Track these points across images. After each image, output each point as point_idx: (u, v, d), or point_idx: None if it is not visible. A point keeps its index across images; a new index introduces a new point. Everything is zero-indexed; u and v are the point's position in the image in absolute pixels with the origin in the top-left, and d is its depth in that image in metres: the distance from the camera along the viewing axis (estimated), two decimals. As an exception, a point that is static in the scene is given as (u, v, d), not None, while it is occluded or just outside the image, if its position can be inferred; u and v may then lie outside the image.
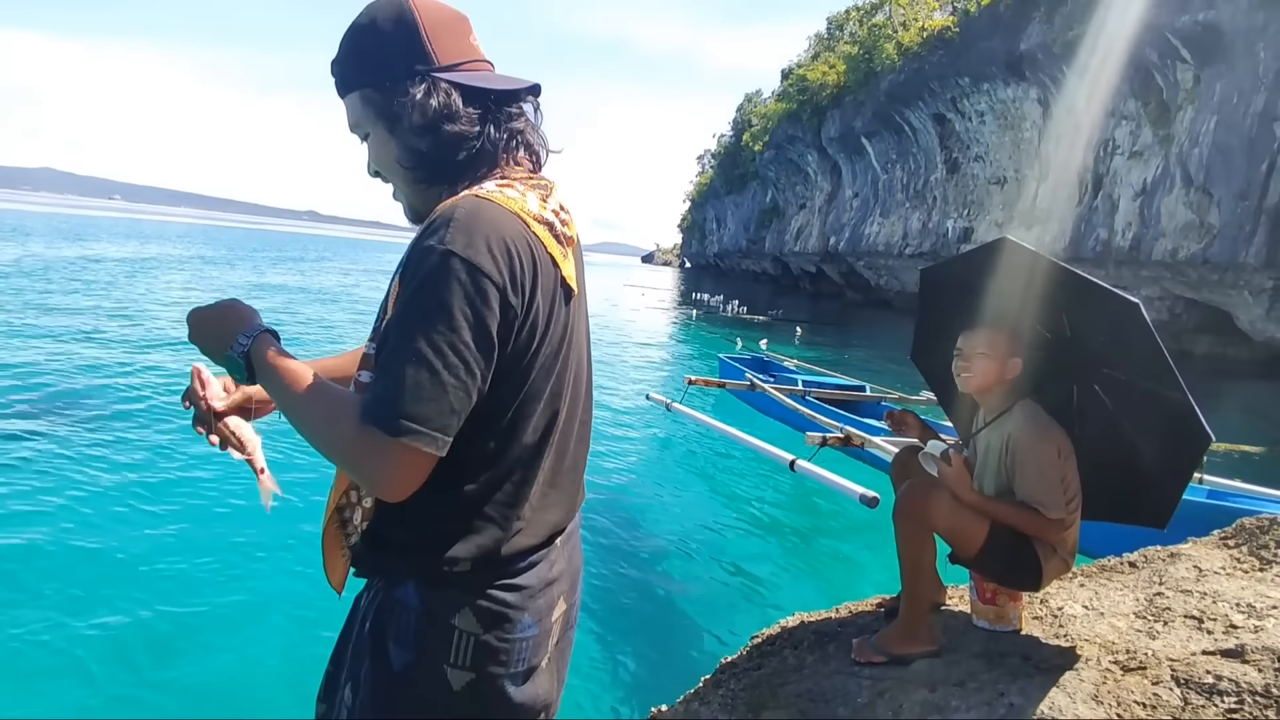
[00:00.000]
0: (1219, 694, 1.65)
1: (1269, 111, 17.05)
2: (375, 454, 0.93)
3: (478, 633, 1.05)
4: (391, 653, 1.04)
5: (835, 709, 2.03)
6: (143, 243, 43.50)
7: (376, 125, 1.09)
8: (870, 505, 3.66)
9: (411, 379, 0.92)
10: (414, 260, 0.97)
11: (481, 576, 1.07)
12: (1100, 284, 2.00)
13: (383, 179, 1.14)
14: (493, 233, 0.98)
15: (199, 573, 4.26)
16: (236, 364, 1.04)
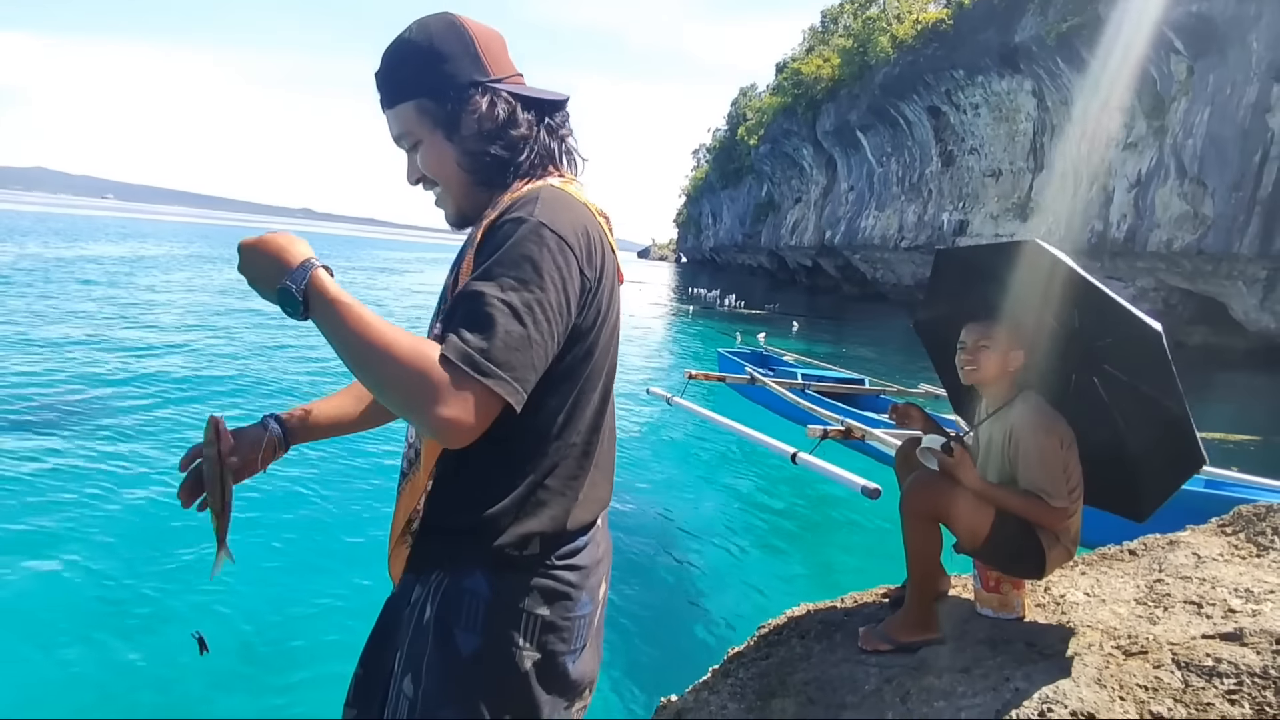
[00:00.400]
0: (1218, 676, 1.69)
1: (1261, 102, 17.12)
2: (456, 391, 0.91)
3: (544, 614, 1.10)
4: (459, 639, 1.07)
5: (843, 696, 2.07)
6: (140, 242, 43.41)
7: (434, 133, 1.15)
8: (872, 497, 3.70)
9: (503, 327, 0.94)
10: (501, 230, 1.03)
11: (547, 557, 1.12)
12: (1123, 304, 2.02)
13: (428, 185, 1.20)
14: (572, 214, 1.07)
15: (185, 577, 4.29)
16: (291, 298, 0.96)
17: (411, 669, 1.10)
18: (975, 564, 2.32)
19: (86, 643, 3.57)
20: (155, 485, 5.50)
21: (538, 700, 1.09)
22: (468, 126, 1.14)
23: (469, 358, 0.92)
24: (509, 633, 1.08)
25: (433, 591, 1.11)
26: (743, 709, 2.18)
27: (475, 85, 1.14)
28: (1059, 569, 2.44)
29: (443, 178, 1.17)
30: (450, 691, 1.06)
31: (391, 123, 1.18)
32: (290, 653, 3.64)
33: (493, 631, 1.08)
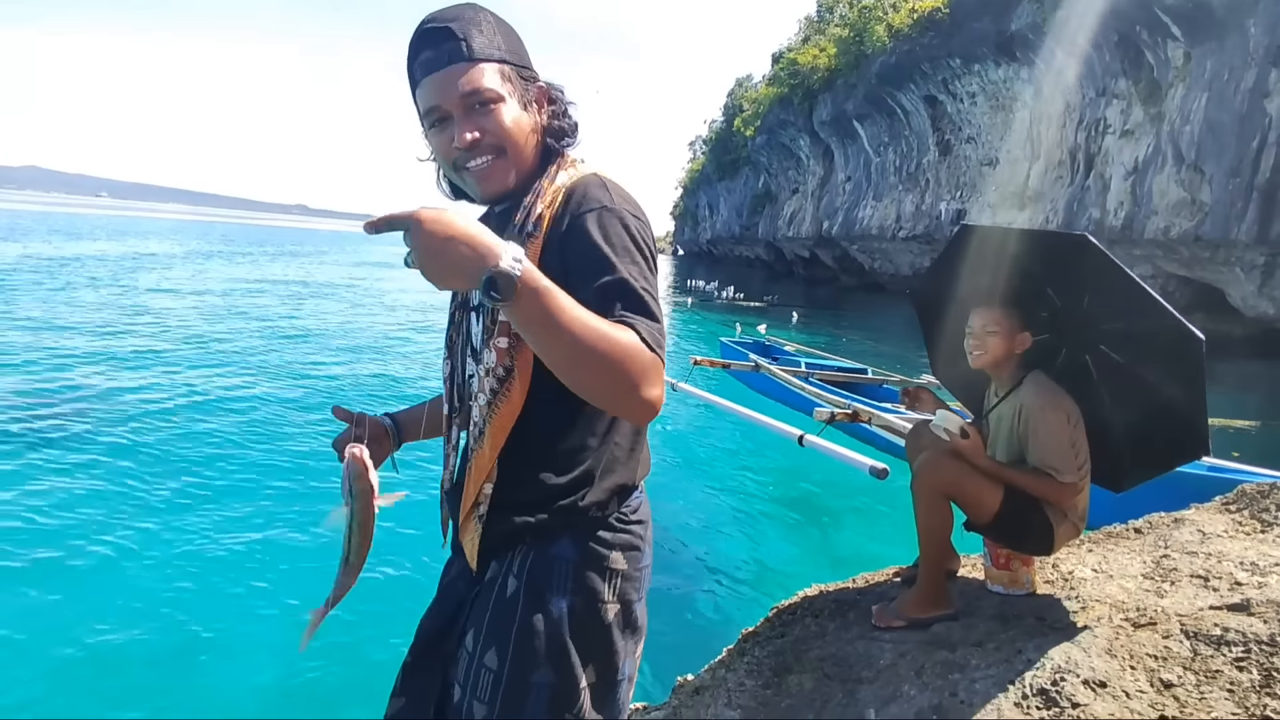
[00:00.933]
0: (1226, 644, 1.74)
1: (1259, 88, 17.11)
2: (654, 371, 0.97)
3: (623, 568, 1.19)
4: (551, 604, 1.14)
5: (859, 671, 2.12)
6: (141, 239, 43.44)
7: (513, 100, 1.16)
8: (880, 477, 3.74)
9: (654, 311, 1.02)
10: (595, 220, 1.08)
11: (620, 514, 1.21)
12: (1168, 308, 2.07)
13: (485, 149, 1.13)
14: (633, 201, 1.16)
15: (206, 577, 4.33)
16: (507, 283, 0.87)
17: (495, 643, 1.14)
18: (985, 542, 2.37)
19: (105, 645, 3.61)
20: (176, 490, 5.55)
21: (617, 648, 1.18)
22: (538, 105, 1.20)
23: (655, 338, 0.98)
24: (596, 589, 1.16)
25: (515, 566, 1.17)
26: (759, 685, 2.23)
27: (534, 73, 1.22)
28: (1066, 546, 2.49)
29: (518, 144, 1.16)
30: (543, 654, 1.12)
31: (464, 76, 1.11)
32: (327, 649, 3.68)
33: (582, 591, 1.15)
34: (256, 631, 3.72)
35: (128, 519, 4.81)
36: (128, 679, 3.32)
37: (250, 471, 5.84)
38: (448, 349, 1.30)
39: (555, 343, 0.92)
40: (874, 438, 5.81)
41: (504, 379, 1.13)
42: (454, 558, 1.33)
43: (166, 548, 4.47)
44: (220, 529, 4.77)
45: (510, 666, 1.12)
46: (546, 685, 1.12)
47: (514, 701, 1.12)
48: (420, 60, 1.13)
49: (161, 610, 3.84)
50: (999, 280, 2.35)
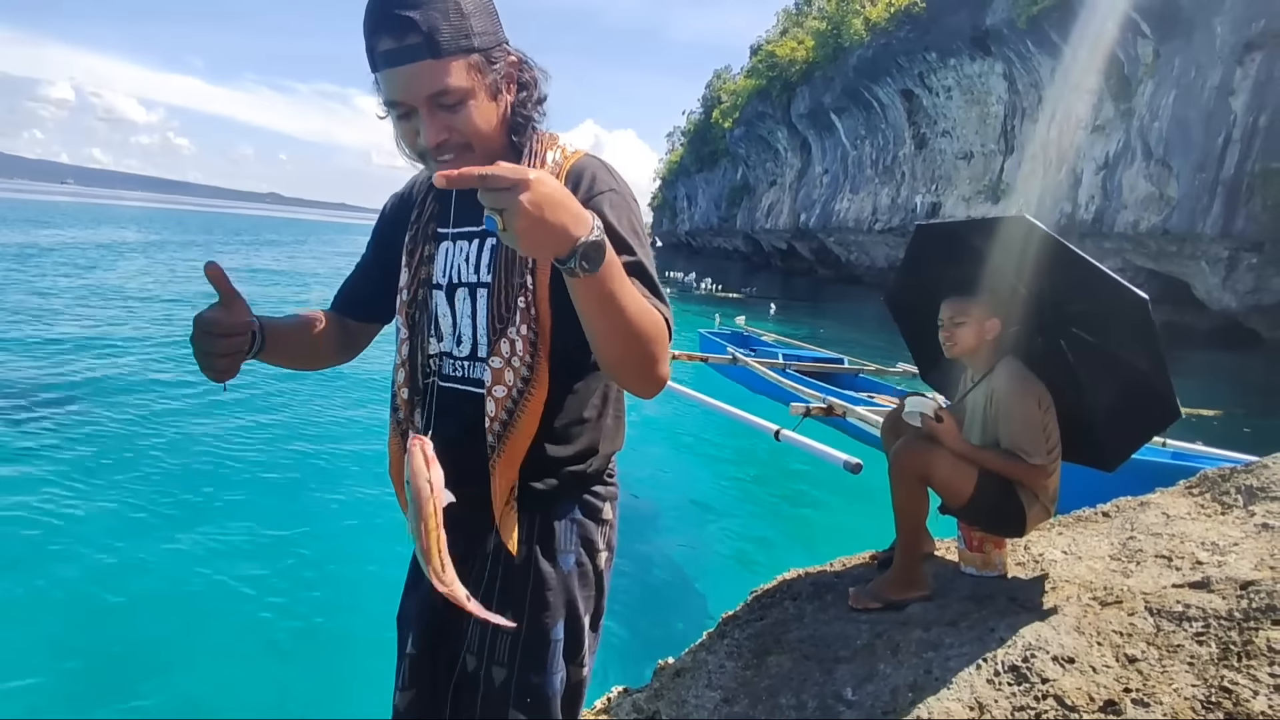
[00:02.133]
0: (1188, 620, 1.81)
1: (1225, 85, 17.47)
2: (668, 350, 1.04)
3: (611, 518, 1.29)
4: (561, 560, 1.22)
5: (837, 651, 2.17)
6: (117, 227, 42.60)
7: (481, 93, 1.09)
8: (854, 471, 3.81)
9: (664, 295, 1.09)
10: (603, 196, 1.12)
11: (610, 470, 1.30)
12: (1111, 274, 2.14)
13: (451, 147, 1.09)
14: (628, 184, 1.20)
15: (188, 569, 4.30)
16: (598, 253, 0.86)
17: (510, 605, 1.17)
18: (959, 525, 2.43)
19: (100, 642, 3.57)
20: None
21: (606, 587, 1.29)
22: (509, 89, 1.15)
23: (670, 323, 1.05)
24: (593, 541, 1.26)
25: (524, 534, 1.20)
26: (740, 666, 2.28)
27: (506, 46, 1.13)
28: (1037, 529, 2.56)
29: (487, 140, 1.11)
30: (559, 608, 1.20)
31: (430, 76, 1.03)
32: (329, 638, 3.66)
33: (584, 544, 1.24)
34: (238, 629, 3.70)
35: (109, 508, 4.76)
36: (112, 675, 3.30)
37: (239, 463, 5.78)
38: (409, 329, 1.24)
39: (613, 316, 0.92)
40: (852, 427, 5.90)
41: (532, 365, 1.12)
42: None
43: (147, 536, 4.43)
44: (203, 519, 4.73)
45: (529, 624, 1.17)
46: (561, 639, 1.19)
47: (534, 658, 1.18)
48: (381, 51, 1.03)
49: (130, 605, 3.80)
50: (960, 271, 2.40)
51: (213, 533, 4.56)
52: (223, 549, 4.37)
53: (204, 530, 4.58)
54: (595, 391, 1.24)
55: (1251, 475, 2.72)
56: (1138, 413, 2.26)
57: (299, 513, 4.98)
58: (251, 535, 4.58)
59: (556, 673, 1.19)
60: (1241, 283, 18.00)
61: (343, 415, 7.30)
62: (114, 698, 3.12)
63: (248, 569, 4.17)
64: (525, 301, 1.12)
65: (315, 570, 4.23)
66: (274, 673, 3.38)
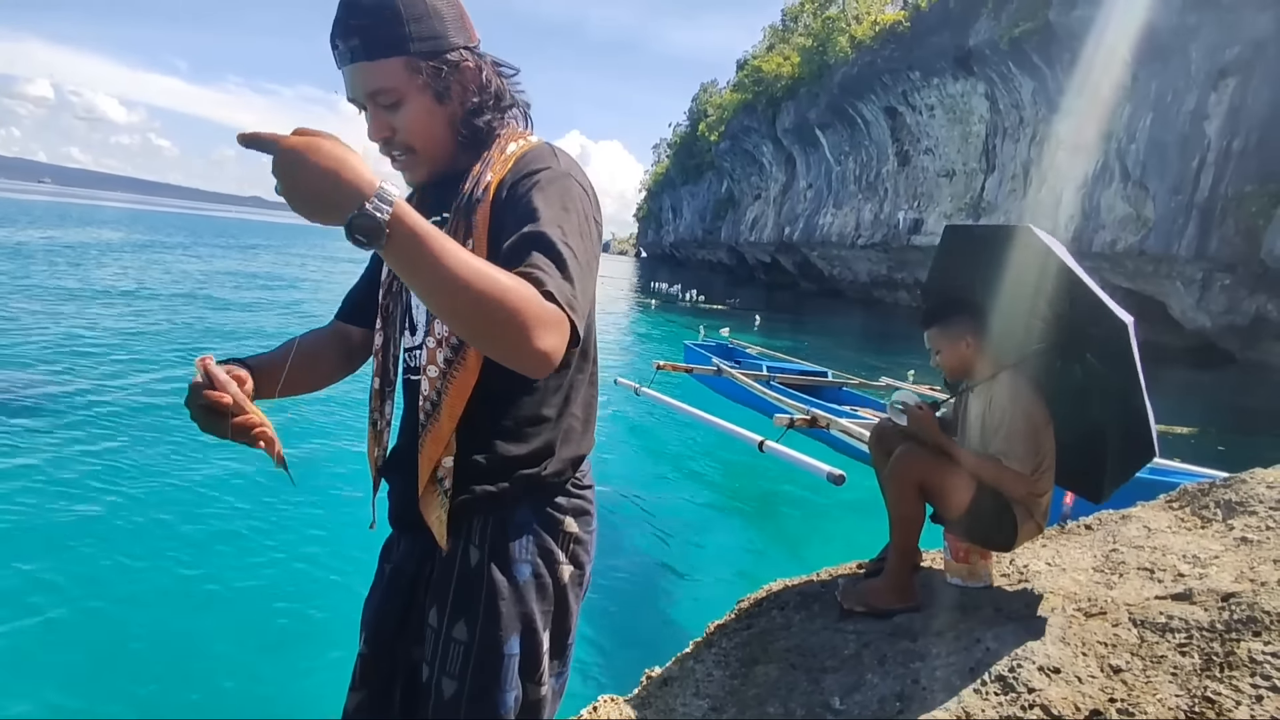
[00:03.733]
0: (1171, 631, 1.83)
1: (1200, 110, 17.87)
2: (555, 324, 0.90)
3: (575, 531, 1.23)
4: (514, 569, 1.16)
5: (824, 661, 2.18)
6: (97, 228, 42.18)
7: (422, 95, 1.11)
8: (837, 483, 3.83)
9: (573, 268, 0.96)
10: (534, 181, 1.06)
11: (572, 480, 1.23)
12: (1098, 294, 2.14)
13: (393, 147, 1.14)
14: (578, 166, 1.15)
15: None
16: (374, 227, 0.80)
17: (463, 614, 1.14)
18: (945, 535, 2.45)
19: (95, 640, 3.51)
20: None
21: (570, 606, 1.22)
22: (458, 93, 1.14)
23: (563, 292, 0.92)
24: (553, 552, 1.19)
25: (476, 536, 1.17)
26: (727, 675, 2.27)
27: (466, 49, 1.14)
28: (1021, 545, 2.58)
29: (428, 141, 1.14)
30: (513, 620, 1.14)
31: (367, 77, 1.09)
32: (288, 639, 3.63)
33: (542, 555, 1.18)
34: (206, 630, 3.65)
35: (99, 511, 4.67)
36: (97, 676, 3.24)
37: (228, 465, 5.71)
38: (382, 319, 1.26)
39: (433, 290, 0.85)
40: (835, 440, 5.93)
41: (459, 347, 1.12)
42: (395, 538, 1.30)
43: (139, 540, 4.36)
44: (193, 521, 4.66)
45: (480, 637, 1.13)
46: (517, 654, 1.14)
47: (485, 672, 1.13)
48: (334, 50, 1.11)
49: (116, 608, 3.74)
50: (933, 294, 2.43)
51: (194, 531, 4.49)
52: (206, 548, 4.31)
53: (190, 530, 4.52)
54: (556, 390, 1.20)
55: (1230, 490, 2.77)
56: (1130, 447, 2.27)
57: (278, 510, 4.93)
58: (235, 535, 4.52)
59: (510, 690, 1.13)
60: (1215, 303, 18.35)
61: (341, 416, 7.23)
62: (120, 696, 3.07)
63: (226, 567, 4.13)
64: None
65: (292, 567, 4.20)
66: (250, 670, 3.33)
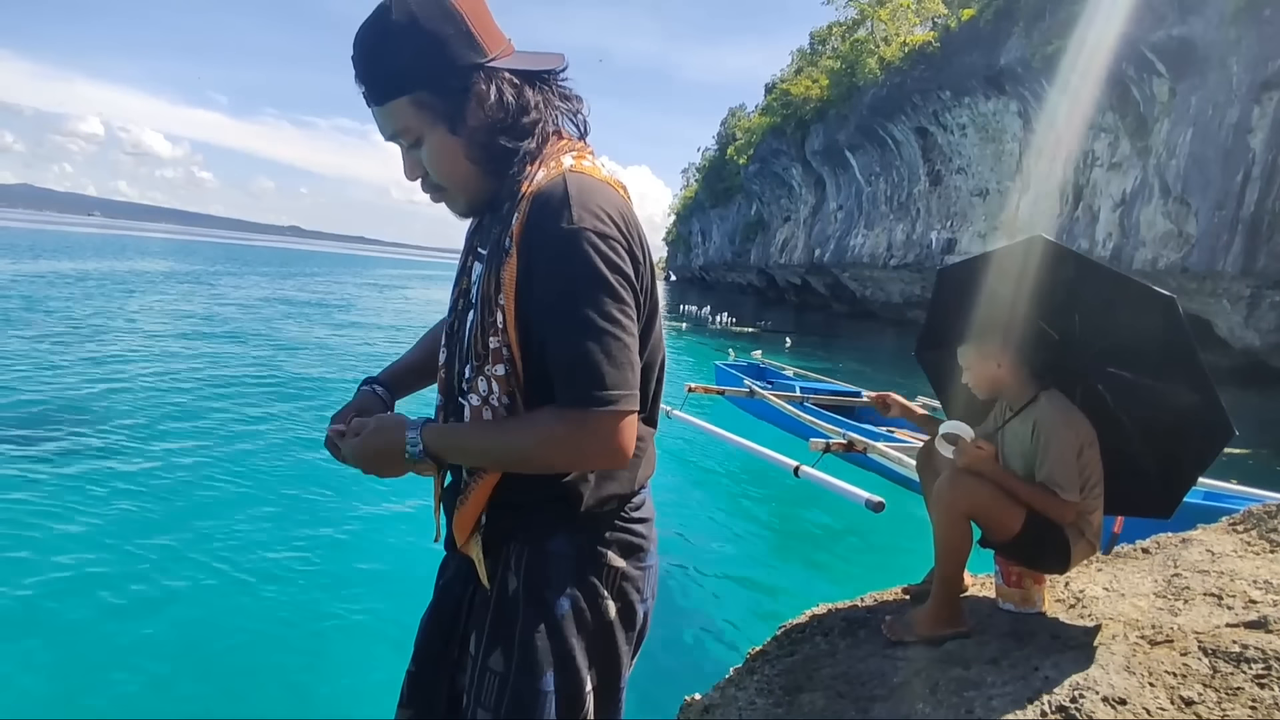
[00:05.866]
0: (1246, 661, 1.72)
1: (1243, 124, 17.47)
2: (597, 432, 1.00)
3: (622, 566, 1.15)
4: (551, 601, 1.10)
5: (872, 690, 2.09)
6: (147, 259, 43.99)
7: (435, 129, 1.05)
8: (876, 510, 3.70)
9: (601, 353, 0.98)
10: (546, 245, 1.01)
11: (621, 513, 1.16)
12: (1131, 278, 2.09)
13: (429, 183, 1.11)
14: (605, 203, 1.04)
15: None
16: (422, 464, 1.07)
17: (500, 643, 1.10)
18: (996, 560, 2.35)
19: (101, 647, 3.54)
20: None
21: (620, 650, 1.15)
22: (474, 117, 1.05)
23: (592, 399, 0.99)
24: (595, 586, 1.12)
25: (513, 563, 1.12)
26: (770, 704, 2.20)
27: (475, 69, 1.04)
28: (1076, 567, 2.47)
29: (451, 175, 1.10)
30: (548, 653, 1.09)
31: (383, 120, 1.07)
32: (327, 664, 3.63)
33: (582, 588, 1.11)
34: (263, 636, 3.66)
35: (136, 533, 4.74)
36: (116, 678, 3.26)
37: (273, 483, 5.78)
38: (447, 337, 1.22)
39: (480, 464, 1.10)
40: (870, 464, 5.80)
41: (511, 409, 1.09)
42: (448, 556, 1.28)
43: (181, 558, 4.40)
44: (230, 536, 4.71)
45: (516, 668, 1.08)
46: (553, 690, 1.08)
47: (520, 706, 1.07)
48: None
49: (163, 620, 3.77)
50: (972, 313, 2.36)
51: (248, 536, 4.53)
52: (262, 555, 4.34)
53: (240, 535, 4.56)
54: None
55: (1298, 512, 2.63)
56: (1189, 442, 2.19)
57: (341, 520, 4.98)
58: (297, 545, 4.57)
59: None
60: (1264, 321, 17.79)
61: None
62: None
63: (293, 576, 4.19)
64: (498, 342, 1.06)
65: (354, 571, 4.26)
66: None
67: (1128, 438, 2.27)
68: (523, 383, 1.07)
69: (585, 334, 0.98)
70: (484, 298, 1.08)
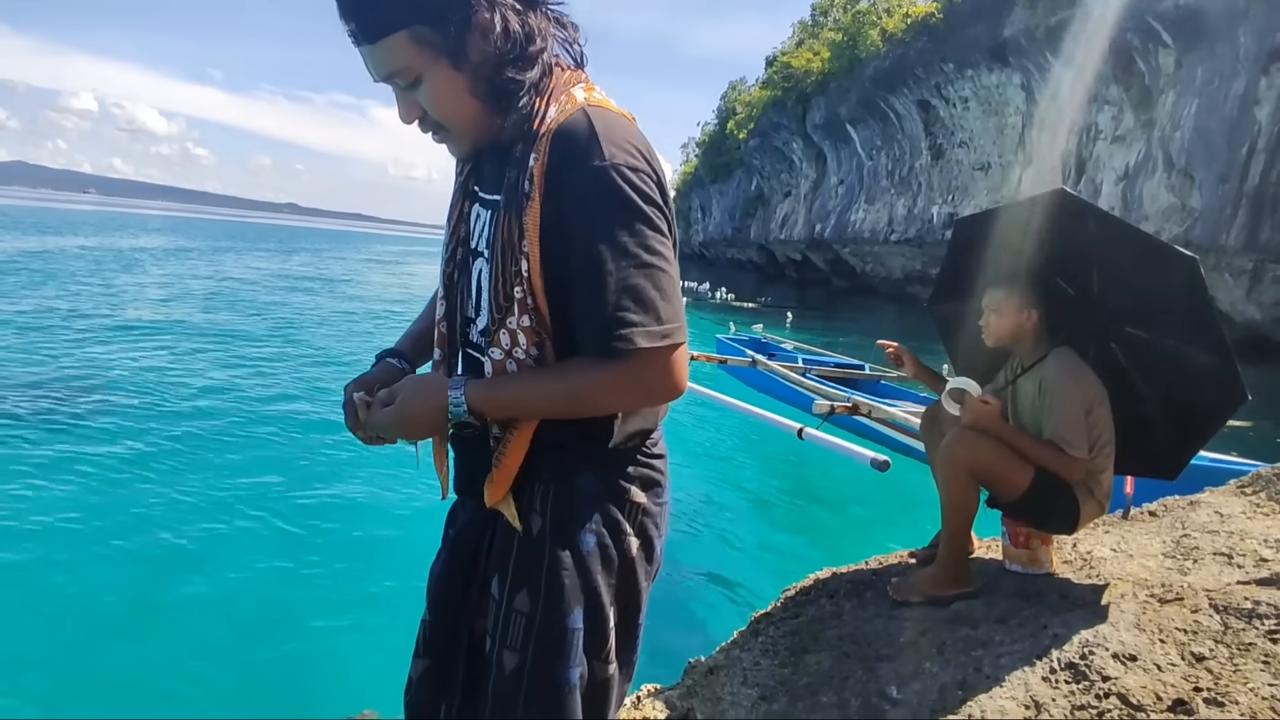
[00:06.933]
0: (1259, 617, 1.71)
1: (1249, 95, 17.26)
2: (658, 368, 0.98)
3: (642, 501, 1.14)
4: (577, 538, 1.08)
5: (879, 650, 2.08)
6: (151, 235, 43.86)
7: (437, 64, 0.99)
8: (881, 469, 3.69)
9: (653, 288, 0.97)
10: (580, 184, 0.98)
11: (642, 448, 1.14)
12: (1154, 238, 2.07)
13: (428, 123, 1.05)
14: (632, 137, 1.02)
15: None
16: (468, 425, 1.04)
17: (526, 584, 1.08)
18: (1004, 521, 2.34)
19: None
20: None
21: (640, 584, 1.14)
22: (477, 50, 0.99)
23: (655, 325, 0.96)
24: (619, 523, 1.11)
25: (538, 503, 1.10)
26: (776, 664, 2.19)
27: (473, 0, 0.97)
28: (1085, 527, 2.46)
29: (455, 115, 1.03)
30: (576, 591, 1.07)
31: (377, 60, 0.99)
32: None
33: (607, 524, 1.10)
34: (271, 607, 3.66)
35: (136, 507, 4.74)
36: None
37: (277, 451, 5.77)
38: (445, 288, 1.18)
39: (534, 416, 1.05)
40: (871, 432, 5.78)
41: (539, 360, 1.06)
42: (460, 504, 1.26)
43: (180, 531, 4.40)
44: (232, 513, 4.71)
45: (543, 608, 1.06)
46: (581, 628, 1.07)
47: (548, 646, 1.06)
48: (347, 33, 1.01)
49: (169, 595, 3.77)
50: (998, 261, 2.32)
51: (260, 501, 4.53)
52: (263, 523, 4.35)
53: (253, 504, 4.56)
54: None
55: (1307, 475, 2.62)
56: (1200, 407, 2.17)
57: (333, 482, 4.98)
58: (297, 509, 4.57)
59: (574, 666, 1.07)
60: (1266, 295, 17.72)
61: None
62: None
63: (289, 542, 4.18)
64: (522, 291, 1.02)
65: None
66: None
67: (1140, 398, 2.25)
68: (552, 332, 1.04)
69: (633, 270, 0.96)
70: (504, 245, 1.03)
